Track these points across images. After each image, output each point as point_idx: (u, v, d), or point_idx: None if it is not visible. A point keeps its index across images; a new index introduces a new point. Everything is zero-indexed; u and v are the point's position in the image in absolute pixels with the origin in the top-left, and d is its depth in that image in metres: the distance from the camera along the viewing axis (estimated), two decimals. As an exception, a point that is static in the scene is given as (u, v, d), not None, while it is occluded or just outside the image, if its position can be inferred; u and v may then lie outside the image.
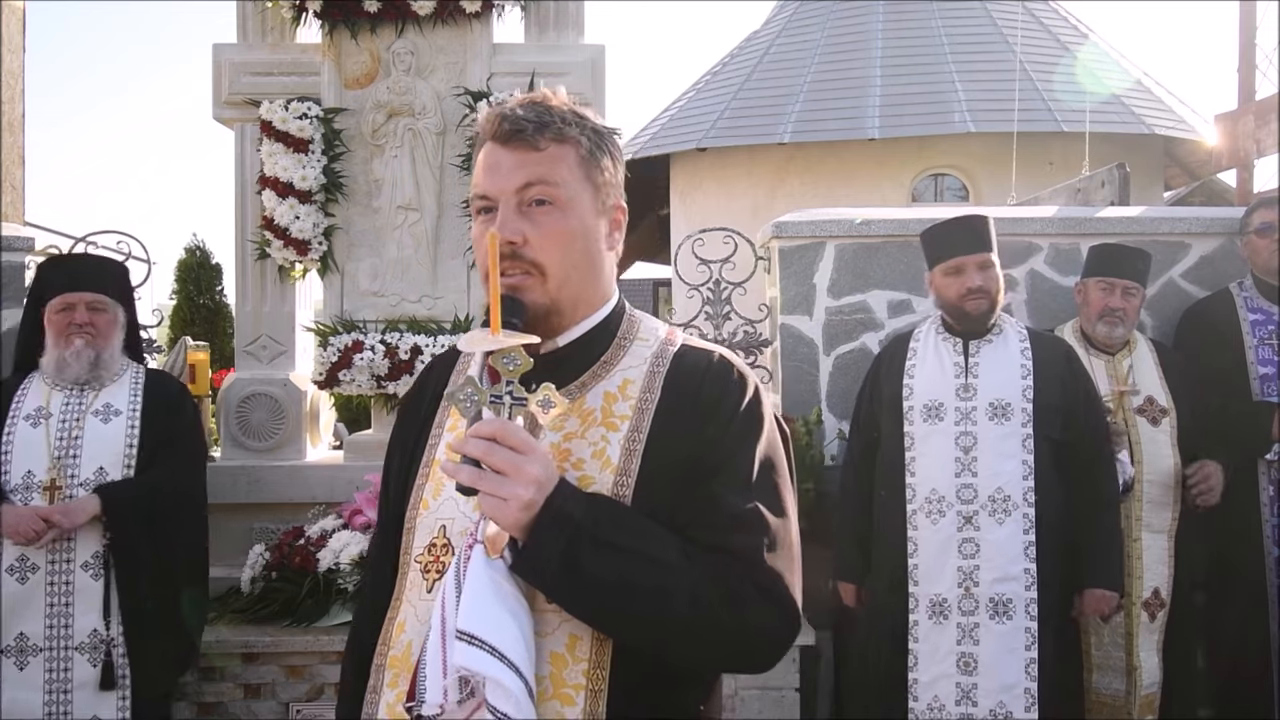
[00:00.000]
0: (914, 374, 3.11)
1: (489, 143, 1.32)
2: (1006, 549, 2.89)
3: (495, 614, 1.16)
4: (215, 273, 8.55)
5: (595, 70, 4.05)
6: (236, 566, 3.71)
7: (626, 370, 1.34)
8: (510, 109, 1.31)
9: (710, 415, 1.30)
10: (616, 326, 1.39)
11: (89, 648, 2.86)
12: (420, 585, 1.30)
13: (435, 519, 1.32)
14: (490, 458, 1.15)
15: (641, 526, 1.22)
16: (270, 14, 4.08)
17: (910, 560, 2.99)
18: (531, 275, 1.28)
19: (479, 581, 1.17)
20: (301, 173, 3.92)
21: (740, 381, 1.34)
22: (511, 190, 1.29)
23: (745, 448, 1.29)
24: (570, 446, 1.29)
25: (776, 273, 4.13)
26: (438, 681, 1.16)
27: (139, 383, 3.09)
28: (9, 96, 6.64)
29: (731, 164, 10.78)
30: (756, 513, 1.25)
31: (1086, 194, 5.07)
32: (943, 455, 2.99)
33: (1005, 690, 2.85)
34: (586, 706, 1.20)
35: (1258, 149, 5.65)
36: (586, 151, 1.33)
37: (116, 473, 2.95)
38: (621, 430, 1.29)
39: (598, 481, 1.26)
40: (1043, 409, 2.95)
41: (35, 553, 2.84)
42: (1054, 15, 11.44)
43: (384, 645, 1.33)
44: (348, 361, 3.89)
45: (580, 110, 1.35)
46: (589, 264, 1.34)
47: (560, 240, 1.29)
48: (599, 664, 1.22)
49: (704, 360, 1.36)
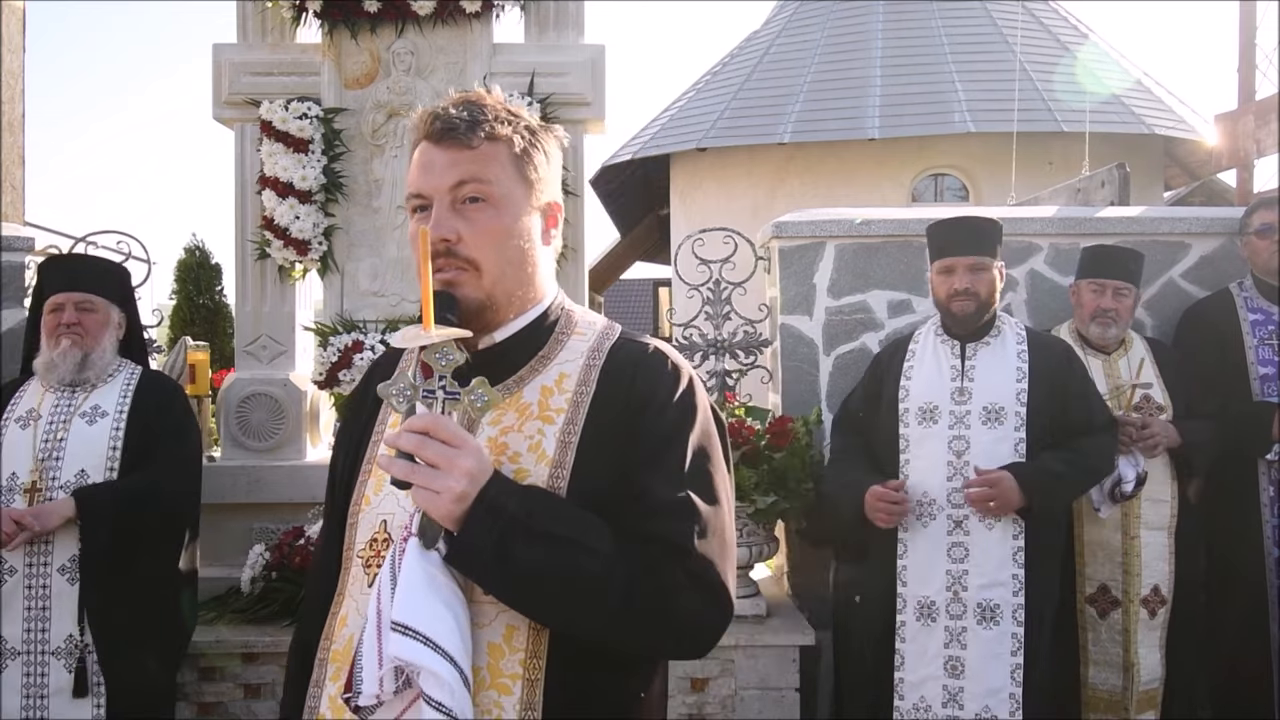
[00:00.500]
0: (911, 375, 3.12)
1: (423, 142, 1.34)
2: (995, 554, 2.89)
3: (430, 605, 1.18)
4: (215, 273, 8.55)
5: (595, 70, 4.05)
6: (236, 566, 3.71)
7: (563, 364, 1.37)
8: (443, 108, 1.34)
9: (644, 406, 1.32)
10: (554, 321, 1.41)
11: (65, 653, 2.82)
12: (362, 580, 1.32)
13: (376, 514, 1.34)
14: (423, 451, 1.17)
15: (575, 517, 1.24)
16: (270, 14, 4.08)
17: (900, 561, 2.99)
18: (466, 271, 1.30)
19: (413, 573, 1.19)
20: (301, 173, 3.92)
21: (674, 373, 1.36)
22: (445, 188, 1.31)
23: (679, 438, 1.31)
24: (507, 440, 1.31)
25: (776, 273, 4.14)
26: (373, 672, 1.18)
27: (131, 384, 3.05)
28: (9, 96, 6.64)
29: (731, 164, 10.78)
30: (688, 501, 1.27)
31: (1086, 194, 5.07)
32: (935, 458, 2.99)
33: (991, 695, 2.86)
34: (523, 696, 1.23)
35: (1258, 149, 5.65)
36: (520, 149, 1.35)
37: (98, 475, 2.90)
38: (557, 423, 1.31)
39: (533, 474, 1.28)
40: (1036, 413, 2.94)
41: (13, 556, 2.81)
42: (1054, 15, 11.44)
43: (327, 640, 1.36)
44: (348, 361, 3.89)
45: (514, 108, 1.38)
46: (523, 260, 1.36)
47: (494, 237, 1.32)
48: (535, 653, 1.24)
49: (639, 352, 1.38)
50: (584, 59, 4.06)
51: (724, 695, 3.52)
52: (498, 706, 1.22)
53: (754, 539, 3.63)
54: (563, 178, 2.92)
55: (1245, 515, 3.50)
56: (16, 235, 3.90)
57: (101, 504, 2.86)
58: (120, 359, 3.12)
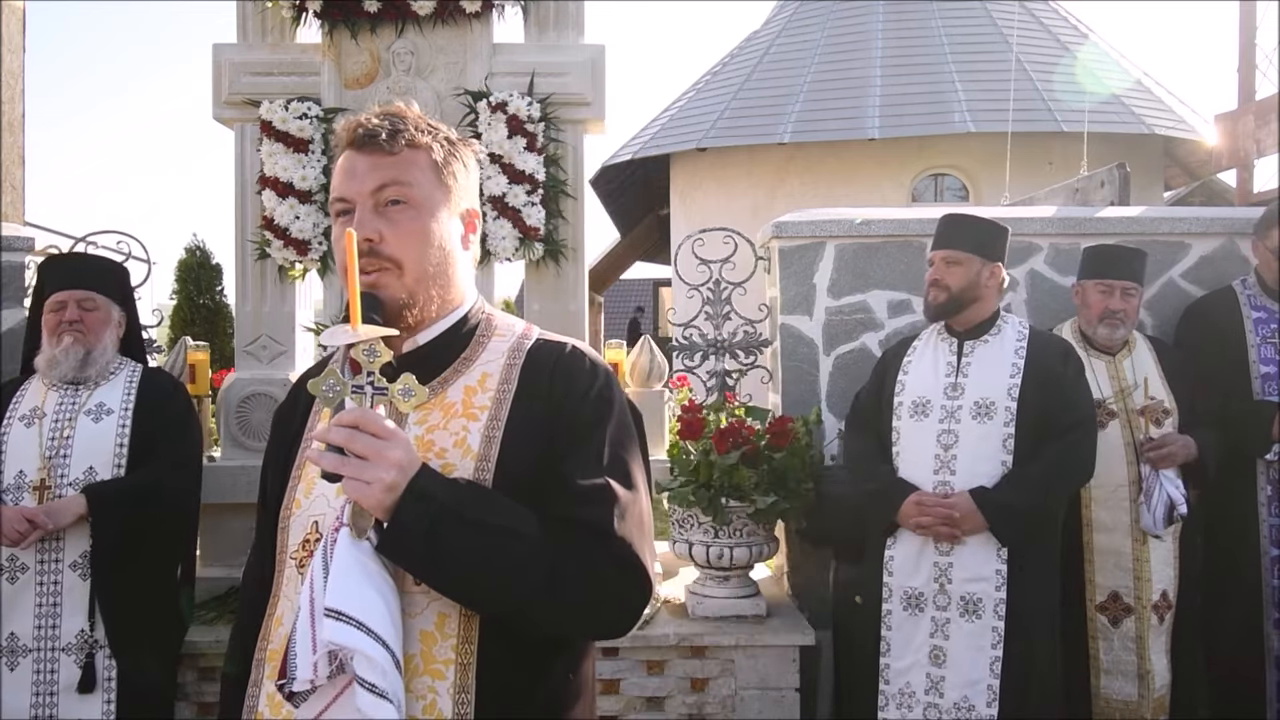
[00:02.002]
0: (909, 370, 3.15)
1: (347, 150, 1.41)
2: (979, 549, 2.91)
3: (362, 591, 1.21)
4: (215, 273, 8.55)
5: (595, 70, 4.04)
6: (236, 566, 3.70)
7: (485, 364, 1.43)
8: (366, 118, 1.40)
9: (563, 401, 1.39)
10: (475, 325, 1.47)
11: (75, 649, 2.85)
12: (295, 580, 1.36)
13: (308, 516, 1.38)
14: (352, 444, 1.21)
15: (502, 504, 1.29)
16: (270, 14, 4.08)
17: (888, 552, 3.04)
18: (389, 270, 1.36)
19: (345, 561, 1.23)
20: (301, 173, 3.92)
21: (591, 369, 1.43)
22: (367, 192, 1.37)
23: (597, 431, 1.38)
24: (433, 438, 1.36)
25: (776, 273, 4.13)
26: (307, 658, 1.21)
27: (134, 381, 3.08)
28: (9, 96, 6.64)
29: (731, 164, 10.79)
30: (606, 486, 1.33)
31: (1086, 194, 5.07)
32: (924, 452, 3.01)
33: (969, 685, 2.89)
34: (457, 679, 1.28)
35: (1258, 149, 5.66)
36: (440, 157, 1.42)
37: (106, 472, 2.93)
38: (481, 420, 1.37)
39: (459, 468, 1.33)
40: (1026, 408, 2.95)
41: (25, 552, 2.83)
42: (1054, 15, 11.45)
43: (263, 641, 1.40)
44: (348, 361, 3.88)
45: (433, 121, 1.45)
46: (444, 261, 1.42)
47: (415, 237, 1.38)
48: (467, 639, 1.29)
49: (556, 351, 1.45)
50: (584, 59, 4.06)
51: (724, 695, 3.53)
52: (432, 691, 1.27)
53: (754, 539, 3.63)
54: (562, 179, 2.90)
55: (1243, 515, 3.49)
56: (16, 235, 3.90)
57: (112, 502, 2.89)
58: (121, 357, 3.14)
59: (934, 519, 2.90)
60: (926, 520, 2.91)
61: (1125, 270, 3.41)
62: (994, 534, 2.89)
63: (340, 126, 1.43)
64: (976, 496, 2.89)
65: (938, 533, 2.91)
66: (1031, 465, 2.93)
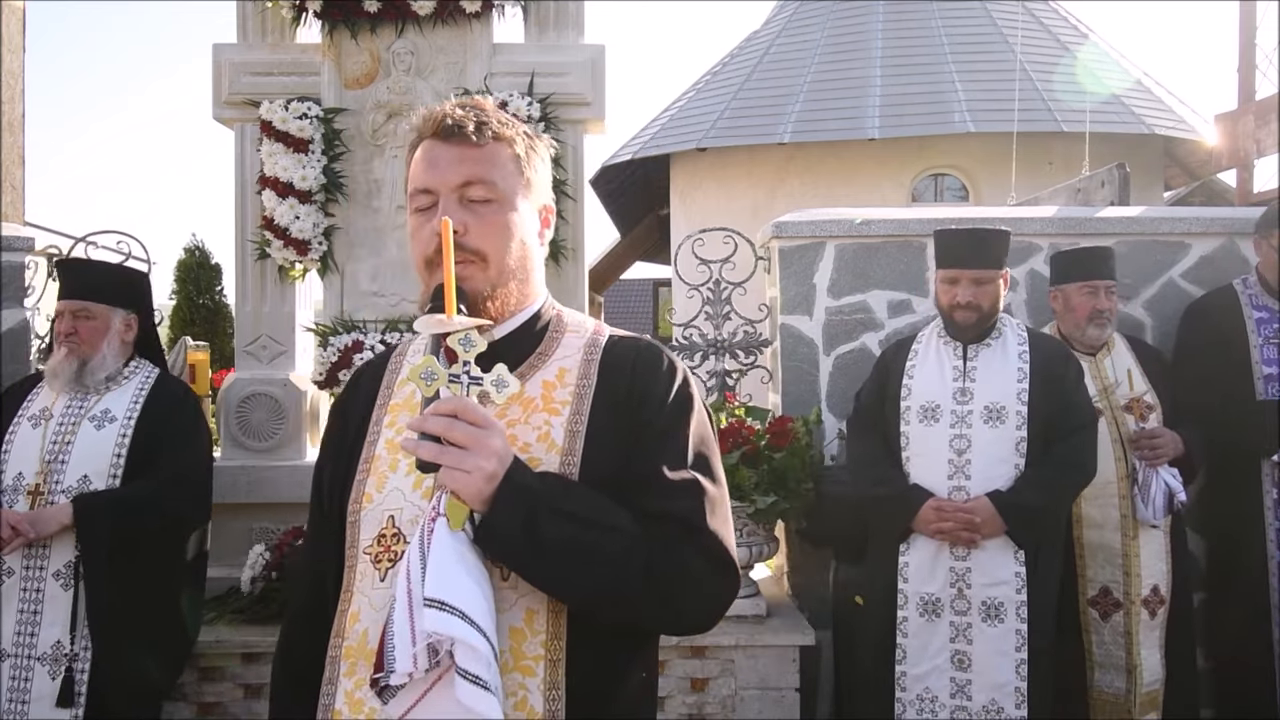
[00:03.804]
0: (914, 374, 3.14)
1: (428, 139, 1.39)
2: (996, 553, 2.91)
3: (462, 582, 1.20)
4: (215, 273, 8.55)
5: (595, 70, 4.04)
6: (236, 566, 3.71)
7: (562, 360, 1.42)
8: (450, 109, 1.39)
9: (645, 397, 1.38)
10: (547, 321, 1.47)
11: (50, 659, 2.80)
12: (372, 575, 1.33)
13: (382, 510, 1.35)
14: (451, 433, 1.20)
15: (592, 498, 1.28)
16: (270, 14, 4.08)
17: (902, 558, 3.01)
18: (473, 263, 1.35)
19: (444, 552, 1.21)
20: (301, 173, 3.92)
21: (670, 367, 1.43)
22: (453, 184, 1.36)
23: (680, 426, 1.38)
24: (515, 432, 1.34)
25: (776, 273, 4.14)
26: (407, 650, 1.19)
27: (145, 389, 3.05)
28: (9, 96, 6.64)
29: (731, 164, 10.78)
30: (696, 481, 1.34)
31: (1086, 194, 5.07)
32: (937, 457, 3.00)
33: (997, 689, 2.89)
34: (546, 675, 1.27)
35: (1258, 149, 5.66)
36: (521, 150, 1.41)
37: (101, 481, 2.89)
38: (563, 414, 1.36)
39: (544, 463, 1.32)
40: (1036, 411, 2.96)
41: (11, 558, 2.81)
42: (1054, 15, 11.44)
43: (338, 637, 1.36)
44: (348, 361, 3.89)
45: (509, 114, 1.47)
46: (525, 256, 1.41)
47: (499, 230, 1.37)
48: (556, 635, 1.28)
49: (634, 348, 1.45)
50: (584, 59, 4.06)
51: (724, 695, 3.52)
52: (523, 688, 1.25)
53: (754, 539, 3.63)
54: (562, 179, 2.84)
55: (1248, 518, 3.50)
56: (16, 235, 3.90)
57: (99, 513, 2.84)
58: (138, 360, 3.12)
59: (955, 524, 2.89)
60: (948, 526, 2.89)
61: (1105, 270, 3.45)
62: (1011, 537, 2.89)
63: (418, 115, 1.42)
64: (995, 500, 2.89)
65: (958, 538, 2.90)
66: (1042, 468, 2.94)
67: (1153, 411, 3.36)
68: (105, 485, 2.90)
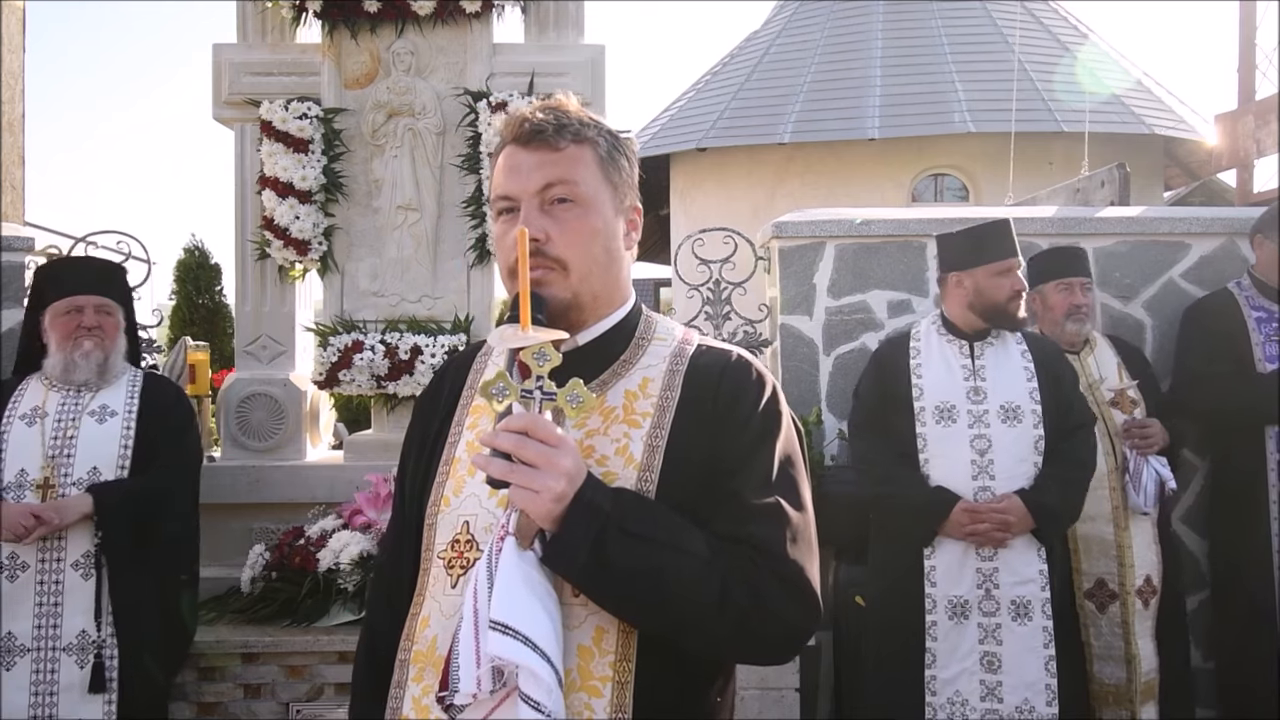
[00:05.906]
0: (922, 374, 3.10)
1: (510, 145, 1.35)
2: (1022, 551, 2.92)
3: (527, 604, 1.17)
4: (215, 273, 8.54)
5: (595, 70, 4.05)
6: (236, 566, 3.71)
7: (646, 369, 1.37)
8: (530, 112, 1.35)
9: (730, 414, 1.32)
10: (634, 326, 1.41)
11: (76, 649, 2.85)
12: (444, 580, 1.31)
13: (458, 515, 1.33)
14: (522, 451, 1.17)
15: (667, 519, 1.24)
16: (270, 14, 4.08)
17: (928, 562, 2.97)
18: (554, 271, 1.31)
19: (511, 572, 1.19)
20: (301, 173, 3.92)
21: (759, 381, 1.37)
22: (533, 190, 1.32)
23: (765, 446, 1.32)
24: (593, 443, 1.31)
25: (776, 273, 4.13)
26: (471, 671, 1.17)
27: (136, 386, 3.10)
28: (9, 96, 6.64)
29: (731, 164, 10.78)
30: (778, 506, 1.28)
31: (1086, 194, 5.07)
32: (958, 458, 2.98)
33: (1028, 687, 2.88)
34: (614, 698, 1.23)
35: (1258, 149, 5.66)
36: (604, 152, 1.37)
37: (110, 473, 2.95)
38: (644, 427, 1.31)
39: (621, 477, 1.28)
40: (1048, 410, 2.98)
41: (26, 551, 2.83)
42: (1054, 15, 11.44)
43: (408, 641, 1.34)
44: (348, 361, 3.89)
45: (594, 116, 1.39)
46: (609, 261, 1.37)
47: (582, 237, 1.32)
48: (625, 656, 1.24)
49: (722, 359, 1.39)
50: (584, 59, 4.06)
51: (724, 695, 3.52)
52: (588, 709, 1.22)
53: (754, 539, 3.62)
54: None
55: (1250, 517, 3.52)
56: (16, 235, 3.90)
57: (118, 501, 2.90)
58: (124, 361, 3.15)
59: (990, 525, 2.87)
60: (983, 528, 2.87)
61: (1080, 267, 3.50)
62: (1037, 535, 2.90)
63: (502, 122, 1.38)
64: (1025, 499, 2.89)
65: (990, 538, 2.88)
66: (1057, 465, 2.95)
67: (1136, 406, 3.41)
68: (114, 477, 2.95)
